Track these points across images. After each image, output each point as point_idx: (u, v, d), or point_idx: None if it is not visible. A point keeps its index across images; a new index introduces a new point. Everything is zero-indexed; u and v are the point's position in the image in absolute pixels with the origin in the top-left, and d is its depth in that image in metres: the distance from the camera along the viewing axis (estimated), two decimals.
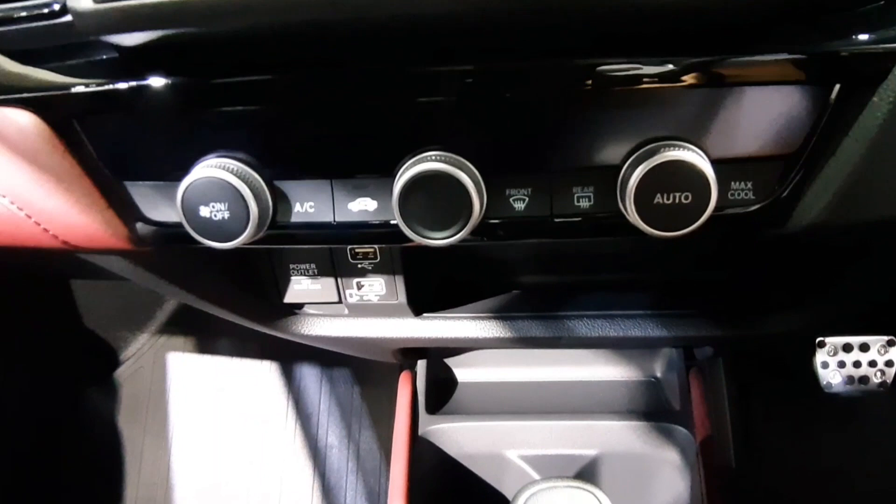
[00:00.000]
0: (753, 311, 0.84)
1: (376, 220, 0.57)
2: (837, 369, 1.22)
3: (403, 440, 0.90)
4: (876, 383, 1.22)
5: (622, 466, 0.92)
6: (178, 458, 1.60)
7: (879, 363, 1.21)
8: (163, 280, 0.77)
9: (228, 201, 0.55)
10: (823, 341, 1.24)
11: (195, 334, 1.69)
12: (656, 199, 0.51)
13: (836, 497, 1.38)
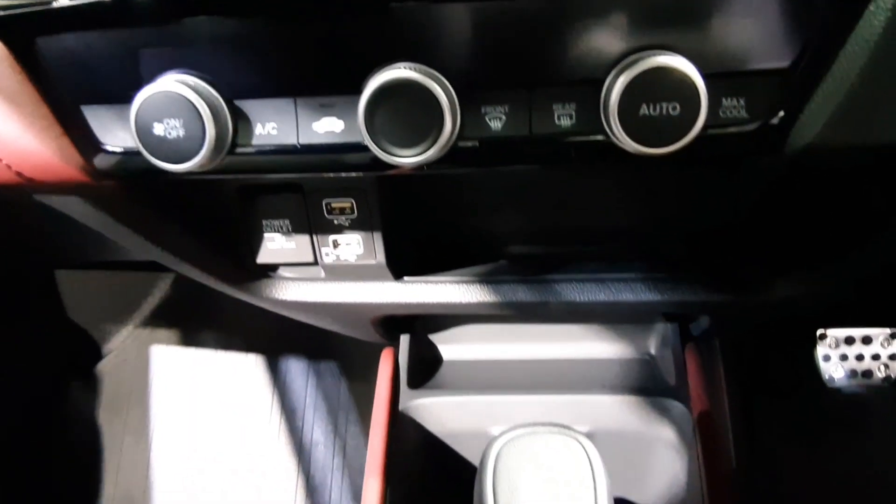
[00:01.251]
0: (751, 277, 0.79)
1: (343, 142, 0.54)
2: (840, 363, 1.19)
3: (382, 415, 0.85)
4: (880, 378, 1.18)
5: (615, 443, 0.87)
6: (159, 455, 1.55)
7: (883, 356, 1.17)
8: (127, 228, 0.73)
9: (184, 118, 0.51)
10: (824, 334, 1.20)
11: (180, 327, 1.65)
12: (642, 110, 0.47)
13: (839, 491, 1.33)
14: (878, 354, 1.17)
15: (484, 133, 0.52)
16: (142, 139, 0.53)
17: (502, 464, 0.46)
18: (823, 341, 1.18)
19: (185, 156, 0.53)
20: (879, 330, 1.16)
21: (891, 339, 1.17)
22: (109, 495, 1.53)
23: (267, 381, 1.55)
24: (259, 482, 1.48)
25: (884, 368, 1.17)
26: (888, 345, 1.17)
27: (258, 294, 0.83)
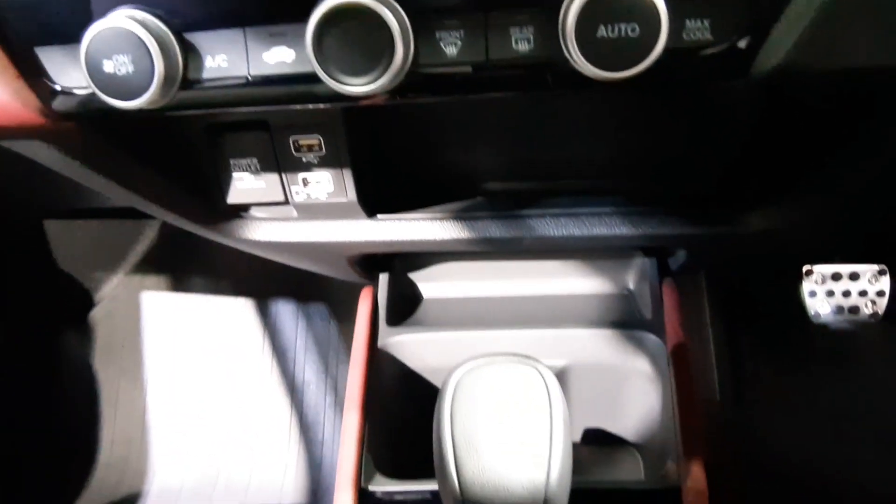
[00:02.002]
0: (725, 209, 0.78)
1: (295, 72, 0.52)
2: (826, 298, 1.18)
3: (361, 352, 0.85)
4: (867, 314, 1.17)
5: (592, 376, 0.88)
6: (155, 397, 1.57)
7: (870, 293, 1.17)
8: (95, 173, 0.72)
9: (132, 53, 0.50)
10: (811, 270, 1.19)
11: (169, 273, 1.65)
12: (599, 31, 0.46)
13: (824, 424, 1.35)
14: (865, 291, 1.17)
15: (439, 60, 0.50)
16: (93, 77, 0.52)
17: (461, 392, 0.46)
18: (810, 277, 1.17)
19: (135, 92, 0.52)
20: (867, 266, 1.15)
21: (879, 276, 1.16)
22: (109, 438, 1.55)
23: (257, 324, 1.56)
24: (254, 421, 1.51)
25: (871, 305, 1.16)
26: (876, 281, 1.16)
27: (231, 235, 0.83)
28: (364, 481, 0.75)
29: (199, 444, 1.52)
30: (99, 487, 1.51)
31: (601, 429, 0.92)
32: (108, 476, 1.51)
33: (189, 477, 1.48)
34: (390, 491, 0.74)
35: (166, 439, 1.54)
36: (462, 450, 0.44)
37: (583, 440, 0.92)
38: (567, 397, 0.90)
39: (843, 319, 1.16)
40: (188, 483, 1.47)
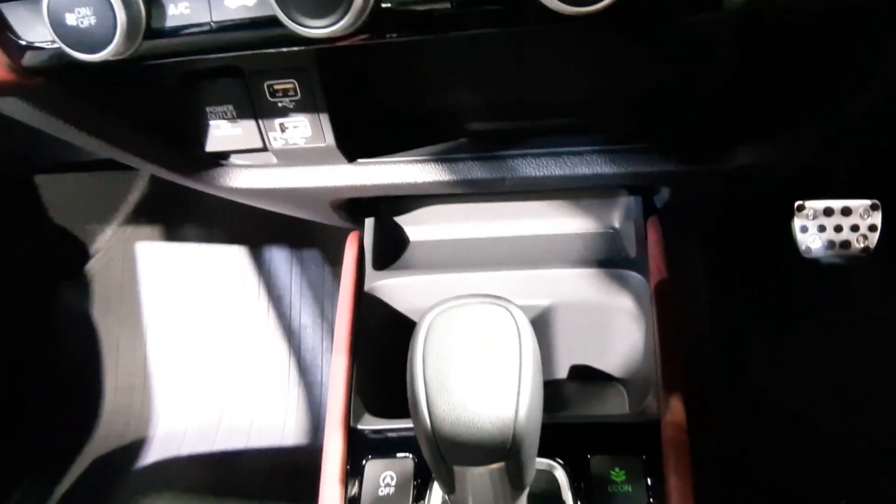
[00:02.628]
0: (706, 146, 0.78)
1: (256, 16, 0.51)
2: (817, 234, 1.18)
3: (348, 296, 0.86)
4: (858, 248, 1.17)
5: (577, 315, 0.89)
6: (154, 346, 1.60)
7: (862, 228, 1.16)
8: (71, 126, 0.72)
9: (93, 4, 0.50)
10: (803, 205, 1.18)
11: (161, 223, 1.66)
12: None
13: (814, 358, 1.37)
14: (856, 225, 1.16)
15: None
16: (56, 31, 0.52)
17: (433, 333, 0.47)
18: (801, 213, 1.16)
19: (99, 44, 0.52)
20: (860, 202, 1.14)
21: (871, 211, 1.15)
22: (112, 387, 1.58)
23: (252, 271, 1.57)
24: (254, 366, 1.53)
25: (862, 239, 1.15)
26: (867, 216, 1.15)
27: (212, 183, 0.83)
28: (353, 421, 0.77)
29: (201, 389, 1.55)
30: (106, 434, 1.55)
31: (587, 366, 0.93)
32: (114, 423, 1.55)
33: (192, 421, 1.52)
34: (378, 429, 0.76)
35: (168, 386, 1.57)
36: (433, 389, 0.45)
37: (569, 377, 0.94)
38: (553, 336, 0.92)
39: (834, 254, 1.16)
40: (192, 427, 1.51)
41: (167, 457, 1.49)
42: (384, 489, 0.72)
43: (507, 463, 0.46)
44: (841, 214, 1.16)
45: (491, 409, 0.44)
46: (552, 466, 0.72)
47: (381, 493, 0.72)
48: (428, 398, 0.45)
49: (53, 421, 1.55)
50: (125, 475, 1.49)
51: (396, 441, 0.76)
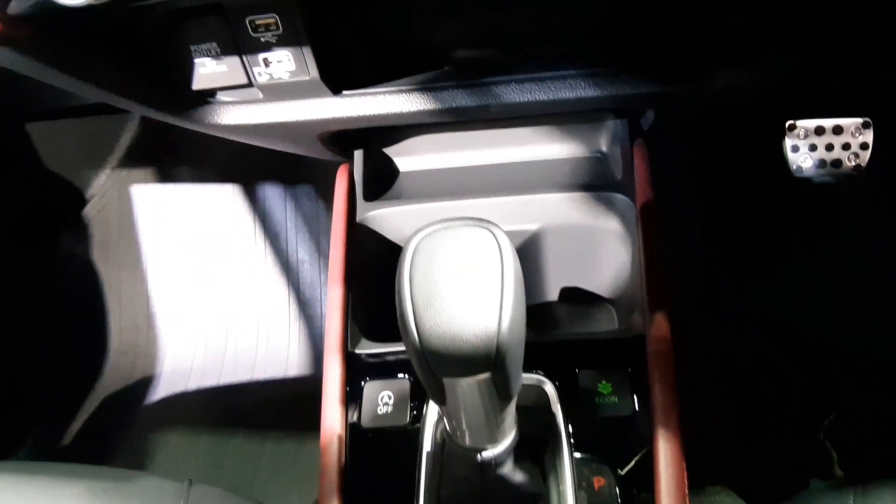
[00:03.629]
0: (688, 66, 0.78)
1: None
2: (808, 153, 1.18)
3: (340, 227, 0.88)
4: (850, 167, 1.18)
5: (566, 238, 0.91)
6: (155, 286, 1.63)
7: (853, 146, 1.17)
8: (59, 72, 0.73)
9: None
10: (793, 124, 1.19)
11: (155, 165, 1.67)
12: None
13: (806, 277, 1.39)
14: (848, 144, 1.16)
15: None
16: None
17: (419, 255, 0.49)
18: (792, 132, 1.16)
19: None
20: (851, 120, 1.14)
21: (862, 129, 1.15)
22: (117, 328, 1.62)
23: (247, 208, 1.59)
24: (255, 301, 1.57)
25: (854, 158, 1.16)
26: (859, 134, 1.15)
27: (200, 121, 0.84)
28: (350, 346, 0.80)
29: (204, 326, 1.59)
30: (114, 374, 1.59)
31: (577, 287, 0.96)
32: (121, 362, 1.59)
33: (198, 357, 1.56)
34: (375, 353, 0.80)
35: (172, 324, 1.60)
36: (420, 306, 0.47)
37: (560, 300, 0.96)
38: (543, 260, 0.94)
39: (825, 173, 1.17)
40: (197, 362, 1.55)
41: (175, 392, 1.53)
42: (382, 408, 0.76)
43: (492, 373, 0.49)
44: (832, 133, 1.16)
45: (475, 323, 0.47)
46: (542, 381, 0.75)
47: (380, 412, 0.76)
48: (415, 314, 0.47)
49: (62, 363, 1.59)
50: (136, 411, 1.54)
51: (393, 363, 0.79)
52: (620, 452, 0.72)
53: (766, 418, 1.34)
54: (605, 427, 0.73)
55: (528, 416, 0.66)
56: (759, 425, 1.33)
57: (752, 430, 1.32)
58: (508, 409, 0.57)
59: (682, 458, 0.72)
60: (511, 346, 0.48)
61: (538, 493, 0.66)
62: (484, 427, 0.57)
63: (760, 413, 1.34)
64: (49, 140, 1.59)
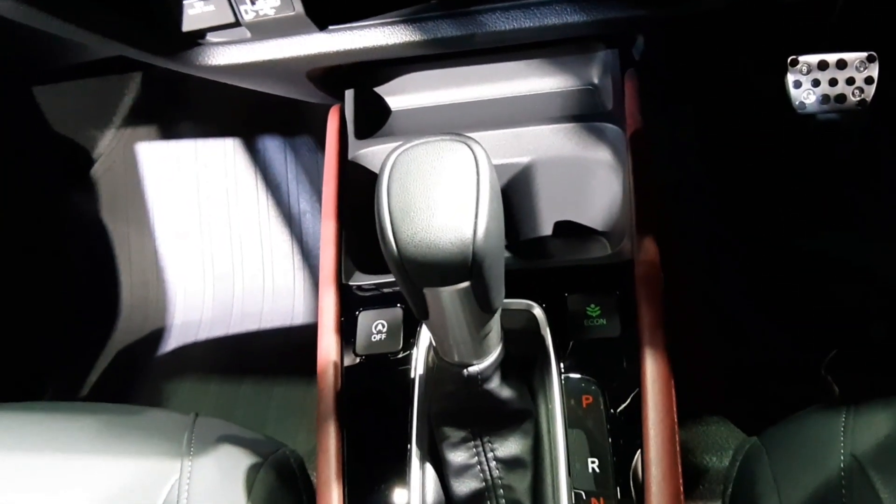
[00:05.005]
0: None
1: None
2: (811, 88, 1.17)
3: (333, 163, 0.89)
4: (854, 102, 1.16)
5: (557, 170, 0.92)
6: (163, 242, 1.66)
7: (858, 80, 1.15)
8: (47, 14, 0.74)
9: None
10: (796, 59, 1.17)
11: (158, 123, 1.69)
12: None
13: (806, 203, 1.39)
14: (852, 78, 1.14)
15: None
16: None
17: (396, 168, 0.50)
18: (794, 67, 1.15)
19: None
20: (856, 54, 1.12)
21: (867, 63, 1.13)
22: (127, 283, 1.66)
23: (248, 162, 1.61)
24: (259, 252, 1.59)
25: (858, 92, 1.14)
26: (864, 68, 1.13)
27: (192, 63, 0.85)
28: (345, 278, 0.82)
29: (212, 280, 1.62)
30: (126, 327, 1.63)
31: (570, 217, 0.96)
32: (133, 317, 1.63)
33: (206, 309, 1.59)
34: (368, 284, 0.81)
35: (181, 279, 1.64)
36: (397, 216, 0.48)
37: (552, 230, 0.97)
38: (536, 192, 0.95)
39: (829, 109, 1.16)
40: (206, 314, 1.59)
41: (186, 343, 1.57)
42: (376, 336, 0.78)
43: (471, 283, 0.50)
44: (836, 68, 1.15)
45: (451, 231, 0.48)
46: (530, 306, 0.77)
47: (374, 340, 0.78)
48: (393, 225, 0.48)
49: (75, 320, 1.63)
50: (149, 364, 1.58)
51: (386, 295, 0.81)
52: (608, 372, 0.74)
53: (763, 355, 1.35)
54: (593, 348, 0.75)
55: (517, 340, 0.68)
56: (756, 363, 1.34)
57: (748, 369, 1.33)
58: (491, 324, 0.58)
59: (669, 377, 0.73)
60: (488, 255, 0.49)
61: (526, 410, 0.68)
62: (468, 342, 0.58)
63: (757, 349, 1.35)
64: (55, 102, 1.61)
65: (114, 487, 0.75)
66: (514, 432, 0.67)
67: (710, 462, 1.11)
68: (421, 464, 0.69)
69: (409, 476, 0.68)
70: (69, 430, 0.82)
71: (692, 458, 1.12)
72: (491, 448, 0.67)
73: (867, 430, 0.71)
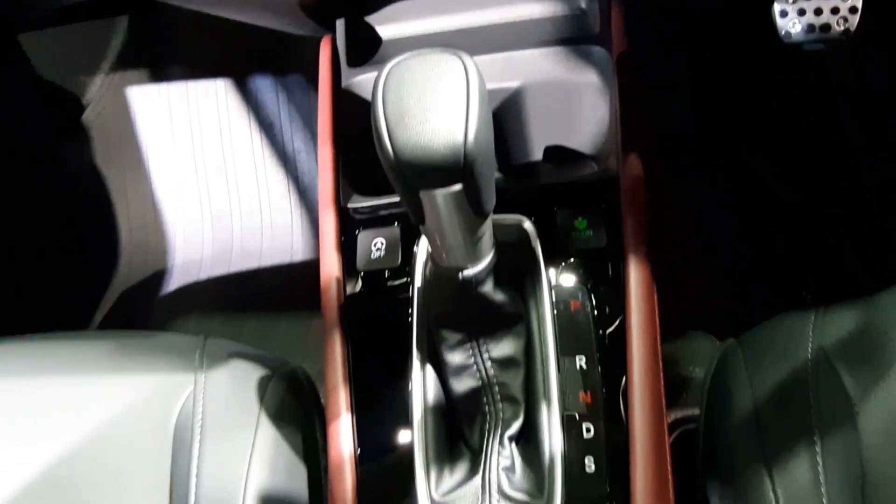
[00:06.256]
0: None
1: None
2: (797, 18, 1.19)
3: (326, 91, 0.92)
4: (838, 31, 1.19)
5: (547, 93, 0.94)
6: (159, 185, 1.68)
7: (842, 10, 1.17)
8: None
9: None
10: None
11: (146, 66, 1.70)
12: None
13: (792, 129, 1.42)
14: (836, 8, 1.16)
15: None
16: None
17: (391, 78, 0.53)
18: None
19: None
20: None
21: None
22: (126, 227, 1.68)
23: (240, 104, 1.62)
24: (255, 191, 1.62)
25: (842, 22, 1.16)
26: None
27: None
28: (343, 201, 0.86)
29: (210, 220, 1.65)
30: (128, 269, 1.66)
31: (560, 139, 0.99)
32: (133, 258, 1.66)
33: (206, 248, 1.63)
34: (366, 206, 0.85)
35: (179, 220, 1.67)
36: (392, 122, 0.52)
37: (543, 152, 1.00)
38: (526, 116, 0.98)
39: (814, 38, 1.18)
40: (206, 254, 1.62)
41: (188, 283, 1.61)
42: (375, 253, 0.82)
43: (464, 185, 0.54)
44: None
45: (443, 135, 0.51)
46: (522, 220, 0.80)
47: (374, 256, 0.82)
48: (388, 131, 0.52)
49: (76, 265, 1.66)
50: (152, 303, 1.62)
51: (384, 216, 0.85)
52: (595, 279, 0.78)
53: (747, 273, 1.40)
54: (581, 257, 0.79)
55: (510, 251, 0.72)
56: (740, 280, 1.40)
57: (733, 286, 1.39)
58: (483, 229, 0.62)
59: (651, 282, 0.78)
60: (478, 157, 0.52)
61: (518, 314, 0.72)
62: (462, 245, 0.62)
63: (741, 267, 1.40)
64: (41, 49, 1.61)
65: (133, 401, 0.79)
66: (507, 334, 0.72)
67: (694, 372, 1.17)
68: (422, 366, 0.73)
69: (412, 377, 0.73)
70: (86, 354, 0.87)
71: (676, 369, 1.18)
72: (486, 349, 0.71)
73: (835, 326, 0.75)
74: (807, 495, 0.66)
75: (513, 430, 0.72)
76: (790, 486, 0.67)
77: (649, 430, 0.71)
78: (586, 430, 0.72)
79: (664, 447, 0.71)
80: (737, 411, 0.75)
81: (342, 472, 0.73)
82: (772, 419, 0.71)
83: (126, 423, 0.78)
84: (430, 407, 0.73)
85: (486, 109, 0.54)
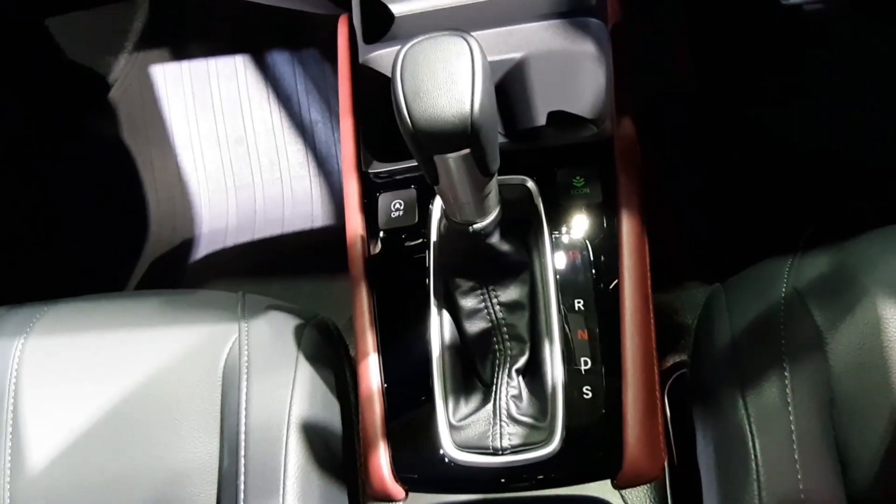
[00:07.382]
0: None
1: None
2: None
3: (345, 67, 1.00)
4: None
5: (546, 64, 1.01)
6: (184, 158, 1.77)
7: None
8: None
9: None
10: None
11: (168, 45, 1.77)
12: None
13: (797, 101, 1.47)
14: None
15: None
16: None
17: (408, 59, 0.61)
18: None
19: None
20: None
21: None
22: (154, 199, 1.78)
23: (258, 77, 1.70)
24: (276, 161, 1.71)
25: None
26: None
27: None
28: (364, 166, 0.95)
29: (234, 189, 1.74)
30: (157, 239, 1.76)
31: (559, 107, 1.07)
32: (162, 229, 1.76)
33: (231, 218, 1.72)
34: (386, 171, 0.94)
35: (203, 192, 1.76)
36: (409, 98, 0.60)
37: (545, 119, 1.09)
38: (528, 85, 1.06)
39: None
40: (231, 222, 1.72)
41: (215, 250, 1.71)
42: (395, 213, 0.91)
43: (471, 149, 0.63)
44: None
45: (453, 106, 0.60)
46: (525, 180, 0.90)
47: (394, 216, 0.91)
48: (407, 105, 0.61)
49: (108, 236, 1.76)
50: (182, 271, 1.72)
51: (401, 178, 0.94)
52: (591, 231, 0.87)
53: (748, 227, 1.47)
54: (579, 212, 0.88)
55: (514, 208, 0.81)
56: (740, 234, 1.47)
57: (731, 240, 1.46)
58: (490, 186, 0.71)
59: (642, 232, 0.87)
60: (483, 124, 0.61)
61: (523, 262, 0.82)
62: (471, 202, 0.71)
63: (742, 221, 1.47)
64: (67, 32, 1.69)
65: (185, 349, 0.90)
66: (513, 281, 0.82)
67: (689, 320, 1.27)
68: (439, 310, 0.83)
69: (430, 320, 0.83)
70: (139, 309, 0.97)
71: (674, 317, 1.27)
72: (495, 294, 0.81)
73: (809, 268, 0.84)
74: (776, 414, 0.76)
75: (519, 364, 0.83)
76: (760, 405, 0.77)
77: (640, 359, 0.81)
78: (584, 363, 0.82)
79: (653, 374, 0.81)
80: (717, 345, 0.84)
81: (372, 402, 0.84)
82: (746, 349, 0.81)
83: (180, 368, 0.88)
84: (447, 346, 0.83)
85: (490, 84, 0.63)
